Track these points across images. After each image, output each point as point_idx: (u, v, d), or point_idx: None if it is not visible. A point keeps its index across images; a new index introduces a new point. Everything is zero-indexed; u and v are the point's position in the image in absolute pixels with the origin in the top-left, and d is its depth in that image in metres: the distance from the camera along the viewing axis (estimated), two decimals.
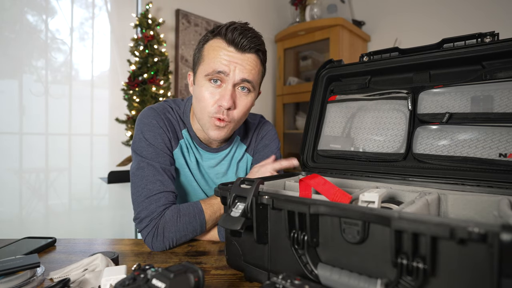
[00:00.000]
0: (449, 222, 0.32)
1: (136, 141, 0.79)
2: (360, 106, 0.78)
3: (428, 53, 0.67)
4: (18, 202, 1.66)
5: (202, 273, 0.40)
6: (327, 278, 0.42)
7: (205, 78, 0.74)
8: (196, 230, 0.74)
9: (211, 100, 0.73)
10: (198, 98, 0.76)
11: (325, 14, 2.37)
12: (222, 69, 0.71)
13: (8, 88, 1.64)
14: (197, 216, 0.74)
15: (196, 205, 0.75)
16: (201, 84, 0.75)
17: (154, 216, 0.72)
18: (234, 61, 0.71)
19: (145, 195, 0.74)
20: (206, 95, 0.73)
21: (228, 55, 0.71)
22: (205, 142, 0.88)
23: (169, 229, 0.71)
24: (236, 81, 0.72)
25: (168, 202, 0.75)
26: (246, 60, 0.72)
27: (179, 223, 0.72)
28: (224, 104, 0.71)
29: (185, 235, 0.73)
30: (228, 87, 0.72)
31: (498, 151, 0.56)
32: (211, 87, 0.73)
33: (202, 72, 0.74)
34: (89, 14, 1.90)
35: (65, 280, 0.49)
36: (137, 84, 1.76)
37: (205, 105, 0.74)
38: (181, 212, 0.73)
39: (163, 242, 0.71)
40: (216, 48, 0.72)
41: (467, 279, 0.33)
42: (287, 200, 0.46)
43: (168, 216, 0.72)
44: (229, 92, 0.72)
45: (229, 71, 0.71)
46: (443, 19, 2.16)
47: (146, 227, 0.72)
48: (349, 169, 0.76)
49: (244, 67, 0.72)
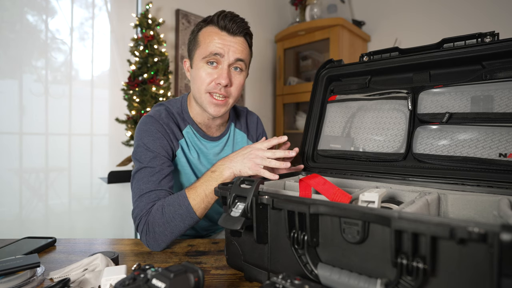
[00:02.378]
0: (449, 222, 0.32)
1: (135, 148, 0.83)
2: (360, 106, 0.78)
3: (428, 53, 0.67)
4: (18, 202, 1.66)
5: (202, 273, 0.40)
6: (327, 278, 0.42)
7: (202, 60, 0.82)
8: (185, 217, 0.71)
9: (208, 79, 0.82)
10: (196, 78, 0.84)
11: (325, 14, 2.37)
12: (218, 51, 0.80)
13: (8, 88, 1.63)
14: (181, 203, 0.71)
15: (180, 193, 0.74)
16: (198, 67, 0.83)
17: (143, 214, 0.73)
18: (227, 44, 0.80)
19: (138, 194, 0.76)
20: (203, 75, 0.82)
21: (222, 38, 0.80)
22: (207, 132, 0.93)
23: (158, 223, 0.70)
24: (230, 61, 0.81)
25: (159, 199, 0.75)
26: (237, 43, 0.82)
27: (165, 214, 0.71)
28: (222, 81, 0.80)
29: (175, 226, 0.71)
30: (224, 67, 0.81)
31: (498, 151, 0.56)
32: (209, 68, 0.82)
33: (199, 55, 0.82)
34: (89, 14, 1.89)
35: (65, 280, 0.50)
36: (137, 84, 1.75)
37: (202, 83, 0.82)
38: (165, 204, 0.72)
39: (155, 239, 0.71)
40: (211, 33, 0.81)
41: (467, 279, 0.33)
42: (287, 200, 0.46)
43: (154, 211, 0.72)
44: (226, 71, 0.81)
45: (224, 53, 0.80)
46: (443, 19, 2.16)
47: (139, 225, 0.73)
48: (349, 169, 0.76)
49: (236, 49, 0.81)
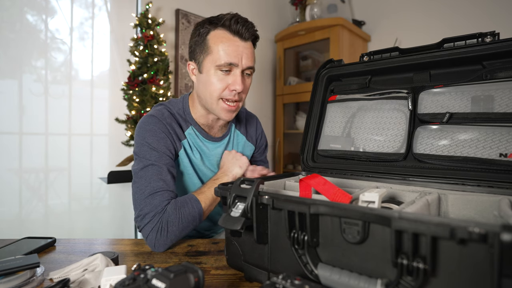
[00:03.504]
0: (449, 222, 0.32)
1: (138, 146, 0.81)
2: (360, 106, 0.78)
3: (429, 53, 0.67)
4: (18, 202, 1.66)
5: (202, 273, 0.40)
6: (327, 278, 0.42)
7: (215, 67, 0.82)
8: (196, 219, 0.76)
9: (222, 86, 0.82)
10: (207, 85, 0.83)
11: (325, 14, 2.37)
12: (233, 61, 0.80)
13: (8, 88, 1.63)
14: (194, 206, 0.77)
15: (190, 196, 0.79)
16: (210, 73, 0.82)
17: (158, 211, 0.73)
18: (240, 51, 0.81)
19: (148, 192, 0.75)
20: (215, 81, 0.82)
21: (235, 45, 0.80)
22: (209, 133, 0.94)
23: (172, 222, 0.72)
24: (243, 68, 0.82)
25: (171, 199, 0.76)
26: (248, 48, 0.83)
27: (181, 214, 0.74)
28: (238, 88, 0.82)
29: (187, 226, 0.75)
30: (237, 73, 0.82)
31: (499, 151, 0.56)
32: (221, 74, 0.82)
33: (211, 62, 0.82)
34: (89, 14, 1.89)
35: (65, 280, 0.49)
36: (137, 84, 1.75)
37: (214, 89, 0.82)
38: (180, 205, 0.75)
39: (167, 236, 0.72)
40: (223, 39, 0.80)
41: (467, 279, 0.33)
42: (287, 200, 0.46)
43: (171, 210, 0.73)
44: (239, 78, 0.82)
45: (237, 62, 0.81)
46: (443, 18, 2.16)
47: (149, 222, 0.72)
48: (349, 169, 0.76)
49: (248, 56, 0.82)
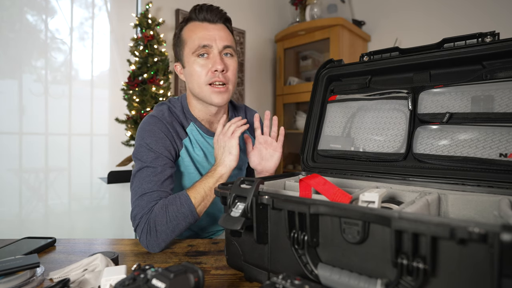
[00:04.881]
0: (449, 222, 0.32)
1: (137, 148, 0.82)
2: (360, 106, 0.78)
3: (429, 53, 0.67)
4: (18, 202, 1.66)
5: (202, 273, 0.40)
6: (327, 278, 0.42)
7: (193, 55, 0.83)
8: (187, 216, 0.73)
9: (204, 71, 0.83)
10: (192, 74, 0.84)
11: (325, 14, 2.37)
12: (205, 43, 0.82)
13: (8, 88, 1.63)
14: (184, 202, 0.73)
15: (181, 193, 0.76)
16: (191, 62, 0.84)
17: (145, 212, 0.73)
18: (212, 33, 0.82)
19: (139, 193, 0.75)
20: (198, 69, 0.83)
21: (205, 29, 0.83)
22: (210, 128, 0.92)
23: (160, 222, 0.71)
24: (220, 48, 0.83)
25: (160, 199, 0.75)
26: (220, 30, 0.84)
27: (168, 213, 0.72)
28: (218, 67, 0.81)
29: (177, 224, 0.72)
30: (215, 54, 0.83)
31: (499, 151, 0.56)
32: (201, 60, 0.83)
33: (188, 52, 0.84)
34: (89, 14, 1.89)
35: (65, 280, 0.49)
36: (137, 84, 1.75)
37: (199, 76, 0.83)
38: (167, 203, 0.73)
39: (157, 237, 0.70)
40: (193, 29, 0.84)
41: (467, 279, 0.33)
42: (287, 200, 0.46)
43: (157, 209, 0.72)
44: (218, 57, 0.82)
45: (211, 43, 0.82)
46: (443, 18, 2.16)
47: (139, 224, 0.72)
48: (349, 169, 0.76)
49: (222, 36, 0.83)
